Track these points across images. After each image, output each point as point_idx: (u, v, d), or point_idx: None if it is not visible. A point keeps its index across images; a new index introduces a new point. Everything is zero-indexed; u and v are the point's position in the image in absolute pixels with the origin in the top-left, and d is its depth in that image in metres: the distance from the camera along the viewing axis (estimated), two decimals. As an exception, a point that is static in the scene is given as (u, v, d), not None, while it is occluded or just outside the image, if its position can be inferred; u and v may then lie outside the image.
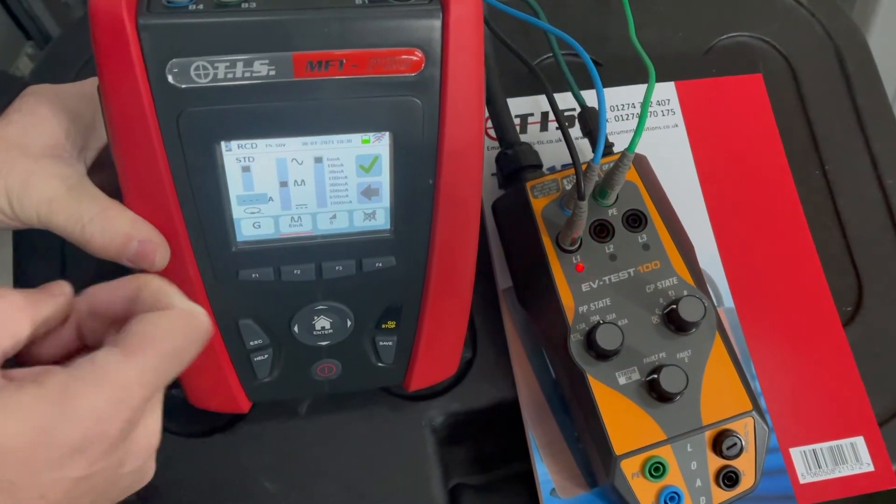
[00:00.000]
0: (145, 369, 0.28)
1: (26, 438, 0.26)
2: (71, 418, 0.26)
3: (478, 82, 0.34)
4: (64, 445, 0.26)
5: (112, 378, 0.27)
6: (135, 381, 0.28)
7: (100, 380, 0.27)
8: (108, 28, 0.30)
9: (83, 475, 0.27)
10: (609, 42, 0.58)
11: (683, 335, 0.44)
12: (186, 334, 0.30)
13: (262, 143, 0.34)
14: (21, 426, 0.26)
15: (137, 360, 0.28)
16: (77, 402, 0.26)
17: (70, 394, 0.26)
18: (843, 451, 0.48)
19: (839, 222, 0.54)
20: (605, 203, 0.45)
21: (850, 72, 0.58)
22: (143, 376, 0.28)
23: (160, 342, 0.29)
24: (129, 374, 0.28)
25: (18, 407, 0.26)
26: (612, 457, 0.42)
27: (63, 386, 0.26)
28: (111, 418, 0.27)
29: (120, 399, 0.27)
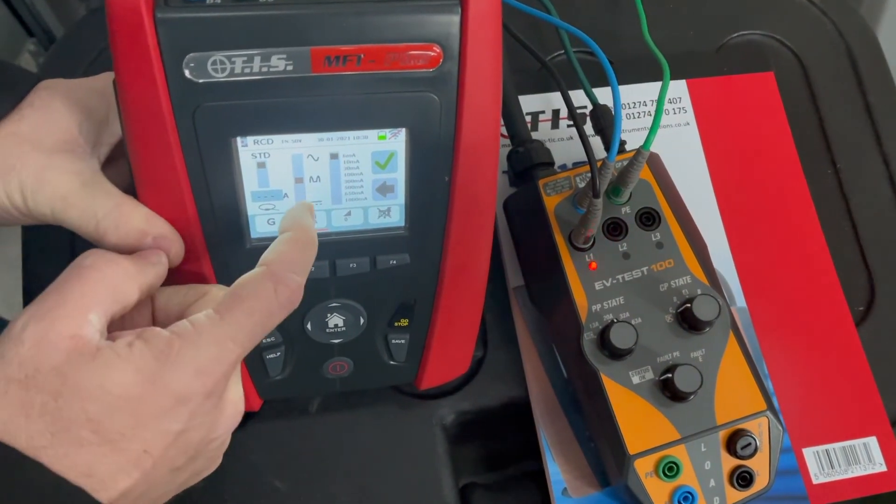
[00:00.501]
0: (238, 328, 0.30)
1: (136, 390, 0.28)
2: (175, 371, 0.28)
3: (495, 79, 0.34)
4: (169, 396, 0.28)
5: (209, 336, 0.29)
6: (229, 338, 0.30)
7: (199, 338, 0.29)
8: (126, 22, 0.30)
9: (183, 428, 0.29)
10: (620, 40, 0.58)
11: (697, 334, 0.43)
12: (275, 299, 0.31)
13: (278, 138, 0.34)
14: (131, 378, 0.28)
15: (230, 320, 0.30)
16: (180, 357, 0.28)
17: (174, 349, 0.28)
18: (856, 451, 0.48)
19: (851, 221, 0.54)
20: (618, 201, 0.45)
21: (861, 70, 0.58)
22: (236, 334, 0.30)
23: (251, 301, 0.30)
24: (224, 331, 0.30)
25: (129, 360, 0.28)
26: (626, 456, 0.42)
27: (167, 342, 0.28)
28: (210, 372, 0.29)
29: (217, 355, 0.29)
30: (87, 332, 0.28)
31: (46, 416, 0.27)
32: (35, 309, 0.28)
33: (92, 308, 0.29)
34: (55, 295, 0.29)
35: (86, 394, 0.27)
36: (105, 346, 0.28)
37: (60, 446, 0.27)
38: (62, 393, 0.27)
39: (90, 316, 0.29)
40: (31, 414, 0.27)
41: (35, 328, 0.28)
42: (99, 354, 0.28)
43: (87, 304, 0.29)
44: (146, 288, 0.32)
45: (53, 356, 0.28)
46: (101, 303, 0.30)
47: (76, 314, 0.29)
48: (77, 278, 0.29)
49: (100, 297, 0.30)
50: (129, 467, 0.28)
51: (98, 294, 0.30)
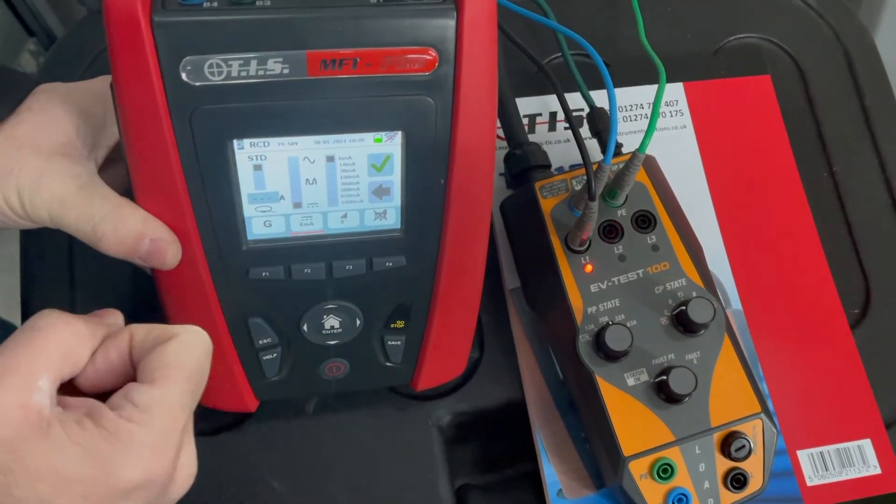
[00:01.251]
0: (181, 393, 0.30)
1: (88, 473, 0.27)
2: (130, 457, 0.28)
3: (491, 82, 0.34)
4: (122, 483, 0.28)
5: (156, 411, 0.29)
6: (176, 407, 0.29)
7: (145, 416, 0.28)
8: (123, 25, 0.30)
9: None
10: (617, 42, 0.58)
11: (692, 336, 0.44)
12: (199, 351, 0.31)
13: (275, 141, 0.34)
14: (83, 461, 0.27)
15: (171, 387, 0.29)
16: (132, 442, 0.28)
17: (125, 434, 0.28)
18: (851, 453, 0.48)
19: (847, 224, 0.54)
20: (614, 204, 0.45)
21: (858, 73, 0.58)
22: (181, 399, 0.30)
23: (182, 365, 0.30)
24: (168, 402, 0.29)
25: (80, 444, 0.27)
26: (621, 458, 0.42)
27: (118, 427, 0.28)
28: (165, 449, 0.29)
29: (168, 428, 0.29)
30: (37, 400, 0.28)
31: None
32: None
33: (42, 373, 0.28)
34: (5, 360, 0.28)
35: (36, 473, 0.27)
36: (55, 422, 0.27)
37: None
38: (13, 469, 0.26)
39: (40, 382, 0.28)
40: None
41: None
42: (50, 432, 0.27)
43: (37, 369, 0.28)
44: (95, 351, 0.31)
45: (5, 428, 0.27)
46: (52, 367, 0.29)
47: (26, 381, 0.28)
48: (28, 342, 0.29)
49: (50, 361, 0.29)
50: None
51: (48, 358, 0.29)
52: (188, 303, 0.39)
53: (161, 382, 0.29)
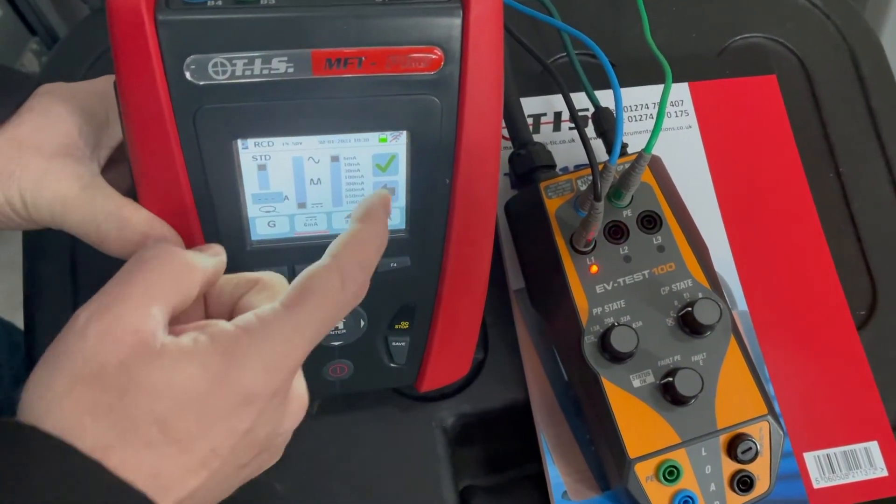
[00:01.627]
0: (306, 323, 0.29)
1: (203, 387, 0.27)
2: (243, 368, 0.27)
3: (497, 81, 0.34)
4: (237, 394, 0.27)
5: (277, 332, 0.28)
6: (297, 334, 0.28)
7: (266, 334, 0.28)
8: (127, 24, 0.30)
9: (250, 427, 0.28)
10: (621, 42, 0.58)
11: (698, 338, 0.43)
12: (339, 297, 0.30)
13: (279, 141, 0.34)
14: (198, 375, 0.27)
15: (298, 315, 0.28)
16: (248, 354, 0.27)
17: (241, 346, 0.27)
18: (857, 455, 0.48)
19: (853, 225, 0.54)
20: (619, 204, 0.45)
21: (864, 74, 0.58)
22: (304, 330, 0.29)
23: (318, 297, 0.29)
24: (291, 327, 0.28)
25: (195, 357, 0.27)
26: (626, 460, 0.42)
27: (233, 338, 0.27)
28: (278, 370, 0.28)
29: (285, 351, 0.28)
30: (150, 326, 0.27)
31: (113, 414, 0.26)
32: (97, 303, 0.27)
33: (154, 301, 0.28)
34: (117, 288, 0.28)
35: (152, 392, 0.26)
36: (169, 342, 0.27)
37: (128, 446, 0.26)
38: (128, 390, 0.26)
39: (153, 310, 0.28)
40: (97, 413, 0.26)
41: (98, 323, 0.27)
42: (164, 350, 0.27)
43: (149, 297, 0.28)
44: (207, 281, 0.31)
45: (119, 352, 0.26)
46: (164, 296, 0.28)
47: (139, 308, 0.27)
48: (139, 271, 0.28)
49: (162, 291, 0.28)
50: (197, 467, 0.27)
51: (161, 287, 0.28)
52: (191, 303, 0.38)
53: (291, 305, 0.29)
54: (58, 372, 0.26)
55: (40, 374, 0.27)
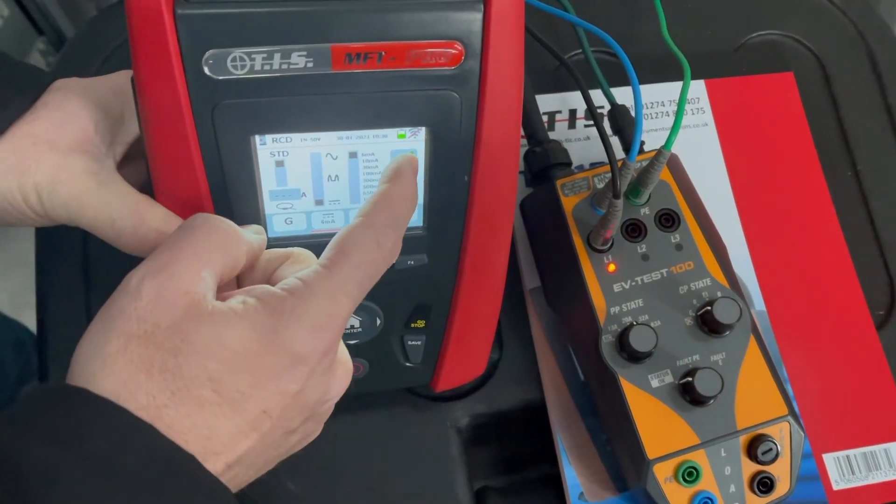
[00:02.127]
0: (347, 281, 0.29)
1: (255, 346, 0.27)
2: (292, 328, 0.27)
3: (517, 77, 0.34)
4: (288, 354, 0.27)
5: (322, 291, 0.28)
6: (341, 292, 0.29)
7: (312, 294, 0.28)
8: (146, 18, 0.29)
9: (300, 388, 0.28)
10: (636, 39, 0.57)
11: (717, 337, 0.43)
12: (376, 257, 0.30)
13: (297, 137, 0.33)
14: (249, 335, 0.27)
15: (339, 274, 0.29)
16: (295, 314, 0.28)
17: (288, 306, 0.27)
18: (877, 457, 0.47)
19: (872, 224, 0.53)
20: (637, 202, 0.45)
21: (881, 71, 0.57)
22: (347, 287, 0.29)
23: (356, 254, 0.29)
24: (335, 285, 0.29)
25: (245, 317, 0.27)
26: (645, 461, 0.41)
27: (280, 299, 0.28)
28: (326, 329, 0.28)
29: (331, 310, 0.28)
30: (201, 288, 0.27)
31: (167, 373, 0.26)
32: (149, 265, 0.28)
33: (205, 266, 0.28)
34: (169, 252, 0.28)
35: (205, 351, 0.26)
36: (220, 304, 0.28)
37: (182, 405, 0.26)
38: (181, 349, 0.26)
39: (203, 273, 0.28)
40: (151, 371, 0.26)
41: (151, 283, 0.27)
42: (215, 311, 0.27)
43: (200, 261, 0.28)
44: (252, 253, 0.31)
45: (172, 312, 0.27)
46: (213, 261, 0.29)
47: (190, 271, 0.28)
48: (190, 237, 0.28)
49: (212, 256, 0.29)
50: (248, 428, 0.27)
51: (210, 252, 0.29)
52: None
53: (331, 265, 0.29)
54: (112, 332, 0.26)
55: (93, 335, 0.27)
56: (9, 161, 0.34)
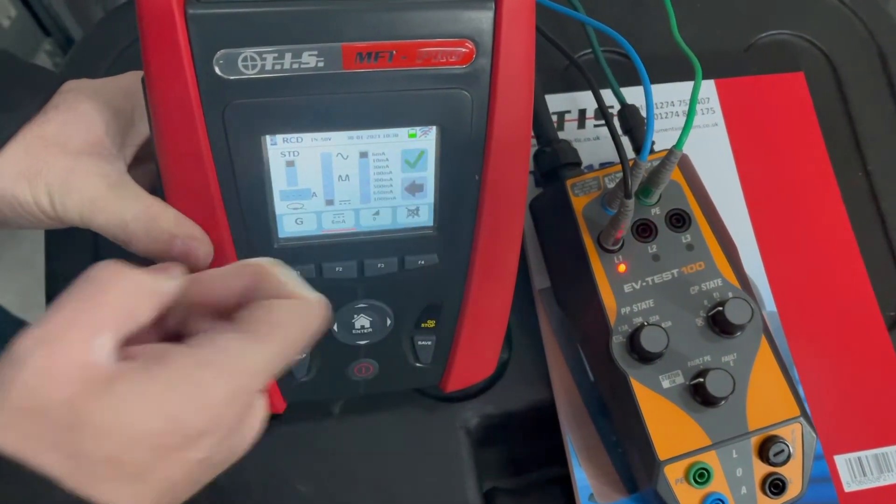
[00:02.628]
0: (272, 357, 0.28)
1: (157, 425, 0.25)
2: (200, 405, 0.26)
3: (528, 75, 0.34)
4: (192, 430, 0.26)
5: (239, 364, 0.27)
6: (262, 369, 0.28)
7: (227, 366, 0.27)
8: (157, 18, 0.29)
9: (205, 457, 0.27)
10: (646, 39, 0.57)
11: (729, 338, 0.43)
12: (309, 324, 0.29)
13: (308, 136, 0.33)
14: (152, 413, 0.25)
15: (265, 348, 0.27)
16: (205, 388, 0.26)
17: (198, 379, 0.26)
18: (889, 458, 0.47)
19: (883, 224, 0.53)
20: (647, 202, 0.44)
21: (892, 71, 0.57)
22: (269, 364, 0.28)
23: (286, 330, 0.28)
24: (256, 360, 0.27)
25: (147, 392, 0.25)
26: (656, 462, 0.41)
27: (190, 370, 0.26)
28: (236, 403, 0.27)
29: (246, 385, 0.27)
30: (98, 357, 0.25)
31: (60, 449, 0.24)
32: (41, 331, 0.25)
33: (103, 329, 0.26)
34: (61, 314, 0.26)
35: (102, 430, 0.25)
36: (119, 374, 0.25)
37: (81, 477, 0.24)
38: (75, 426, 0.25)
39: (102, 339, 0.26)
40: (43, 446, 0.24)
41: (42, 354, 0.25)
42: (113, 385, 0.25)
43: (98, 325, 0.26)
44: (162, 304, 0.28)
45: (64, 387, 0.25)
46: (114, 323, 0.26)
47: (85, 339, 0.25)
48: (88, 296, 0.26)
49: (112, 317, 0.26)
50: (153, 493, 0.26)
51: (110, 313, 0.26)
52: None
53: (257, 338, 0.27)
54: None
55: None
56: (21, 163, 0.34)
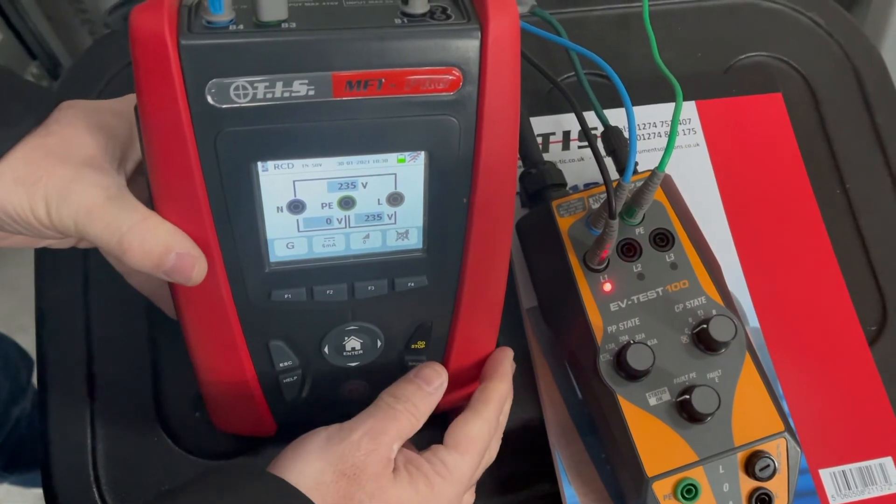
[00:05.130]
0: (473, 465, 0.40)
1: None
2: (438, 499, 0.38)
3: (514, 101, 0.34)
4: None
5: (458, 474, 0.39)
6: (468, 475, 0.40)
7: (450, 476, 0.39)
8: (150, 48, 0.30)
9: None
10: (627, 62, 0.58)
11: (713, 355, 0.43)
12: (492, 433, 0.42)
13: (299, 163, 0.34)
14: (413, 498, 0.38)
15: (468, 459, 0.40)
16: (442, 490, 0.38)
17: (435, 485, 0.38)
18: (872, 471, 0.48)
19: (861, 241, 0.54)
20: (632, 222, 0.45)
21: (868, 91, 0.58)
22: (472, 471, 0.40)
23: (481, 440, 0.40)
24: (465, 469, 0.39)
25: (413, 485, 0.38)
26: (644, 478, 0.42)
27: (433, 476, 0.39)
28: (455, 501, 0.39)
29: (461, 490, 0.40)
30: (393, 455, 0.38)
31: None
32: (369, 427, 0.38)
33: (399, 439, 0.38)
34: (380, 423, 0.38)
35: (387, 501, 0.37)
36: (401, 468, 0.38)
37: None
38: (374, 496, 0.36)
39: (395, 445, 0.38)
40: (351, 502, 0.36)
41: (369, 443, 0.37)
42: (398, 475, 0.38)
43: (398, 435, 0.38)
44: (426, 417, 0.41)
45: (376, 467, 0.37)
46: (402, 436, 0.39)
47: (391, 441, 0.38)
48: (396, 416, 0.39)
49: (402, 432, 0.39)
50: None
51: (405, 430, 0.39)
52: (209, 325, 0.38)
53: (462, 451, 0.39)
54: (329, 466, 0.36)
55: (310, 461, 0.37)
56: (19, 171, 0.34)
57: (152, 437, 0.46)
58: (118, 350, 0.48)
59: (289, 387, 0.41)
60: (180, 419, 0.47)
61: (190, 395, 0.47)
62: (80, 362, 0.47)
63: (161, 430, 0.47)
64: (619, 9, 0.60)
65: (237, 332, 0.38)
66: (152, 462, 0.46)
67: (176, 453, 0.46)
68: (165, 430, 0.47)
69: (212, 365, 0.40)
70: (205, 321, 0.38)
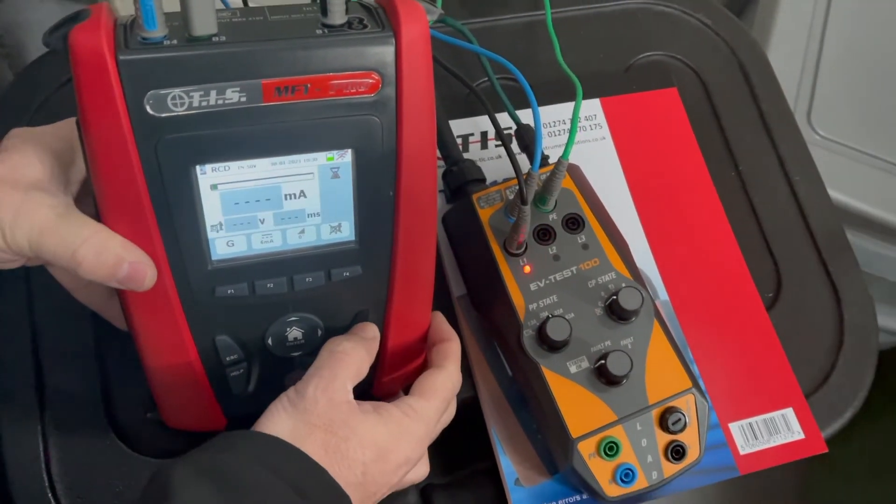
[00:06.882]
0: (440, 410, 0.43)
1: (389, 445, 0.40)
2: (403, 444, 0.41)
3: (429, 99, 0.38)
4: (396, 462, 0.40)
5: (424, 416, 0.42)
6: (434, 419, 0.43)
7: (418, 416, 0.42)
8: (90, 65, 0.33)
9: (398, 481, 0.42)
10: (536, 66, 0.62)
11: (625, 323, 0.48)
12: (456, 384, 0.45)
13: (235, 165, 0.37)
14: (387, 436, 0.40)
15: (434, 404, 0.43)
16: (410, 430, 0.41)
17: (403, 424, 0.41)
18: (776, 422, 0.53)
19: (755, 217, 0.60)
20: (545, 209, 0.49)
21: (753, 82, 0.64)
22: (437, 413, 0.43)
23: (443, 393, 0.44)
24: (431, 413, 0.42)
25: (386, 424, 0.40)
26: (570, 440, 0.45)
27: (399, 419, 0.41)
28: (423, 443, 0.42)
29: (428, 430, 0.42)
30: (349, 395, 0.40)
31: (338, 453, 0.38)
32: (318, 378, 0.40)
33: (349, 380, 0.41)
34: (326, 371, 0.40)
35: (365, 442, 0.39)
36: (371, 411, 0.40)
37: (341, 477, 0.38)
38: (349, 438, 0.39)
39: (348, 385, 0.40)
40: (328, 451, 0.38)
41: (324, 394, 0.39)
42: (368, 416, 0.40)
43: (347, 377, 0.40)
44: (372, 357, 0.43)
45: (342, 412, 0.39)
46: (353, 377, 0.41)
47: (345, 384, 0.40)
48: (339, 361, 0.41)
49: (352, 374, 0.41)
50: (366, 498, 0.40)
51: (352, 371, 0.41)
52: (158, 325, 0.40)
53: (428, 397, 0.43)
54: (301, 422, 0.38)
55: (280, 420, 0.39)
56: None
57: (104, 440, 0.48)
58: (66, 359, 0.49)
59: (236, 380, 0.44)
60: (131, 422, 0.49)
61: (140, 397, 0.49)
62: (29, 373, 0.49)
63: (112, 434, 0.48)
64: (525, 17, 0.65)
65: (184, 330, 0.41)
66: (106, 465, 0.48)
67: (128, 455, 0.48)
68: (117, 432, 0.49)
69: (161, 363, 0.42)
70: (153, 321, 0.41)
